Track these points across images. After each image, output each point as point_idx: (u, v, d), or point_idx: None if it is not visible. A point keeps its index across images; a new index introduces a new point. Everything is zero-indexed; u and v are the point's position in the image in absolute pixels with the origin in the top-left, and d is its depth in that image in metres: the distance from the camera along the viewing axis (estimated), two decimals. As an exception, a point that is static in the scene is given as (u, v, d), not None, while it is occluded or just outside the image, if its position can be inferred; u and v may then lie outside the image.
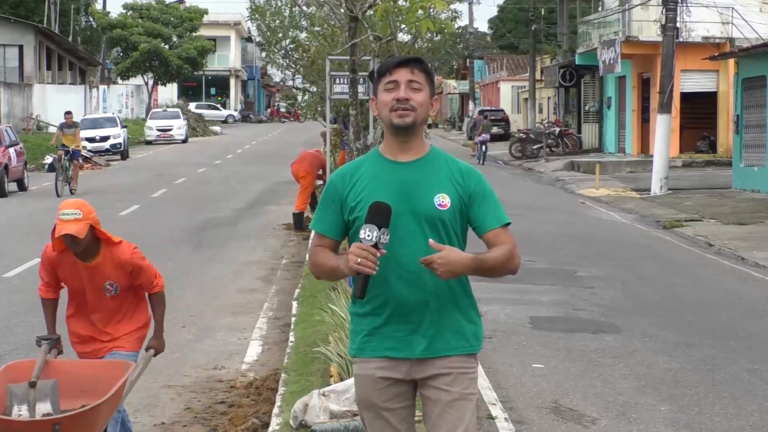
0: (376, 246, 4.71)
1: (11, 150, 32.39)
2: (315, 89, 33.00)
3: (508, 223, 4.97)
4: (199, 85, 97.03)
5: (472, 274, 4.88)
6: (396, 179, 4.90)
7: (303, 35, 33.41)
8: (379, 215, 4.73)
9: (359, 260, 4.69)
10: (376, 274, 4.74)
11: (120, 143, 49.18)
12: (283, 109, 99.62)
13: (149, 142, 61.33)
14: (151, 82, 79.05)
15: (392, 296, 4.88)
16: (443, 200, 4.89)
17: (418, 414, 5.16)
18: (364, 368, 5.01)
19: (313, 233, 5.12)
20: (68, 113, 33.53)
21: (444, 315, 4.92)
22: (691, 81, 41.64)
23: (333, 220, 4.98)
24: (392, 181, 4.90)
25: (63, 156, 31.24)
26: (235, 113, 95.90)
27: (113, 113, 56.69)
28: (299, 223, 22.28)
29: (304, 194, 22.37)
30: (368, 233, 4.72)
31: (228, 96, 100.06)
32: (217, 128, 76.13)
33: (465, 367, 4.98)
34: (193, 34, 78.71)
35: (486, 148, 47.41)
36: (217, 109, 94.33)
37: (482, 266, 4.83)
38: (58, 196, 29.05)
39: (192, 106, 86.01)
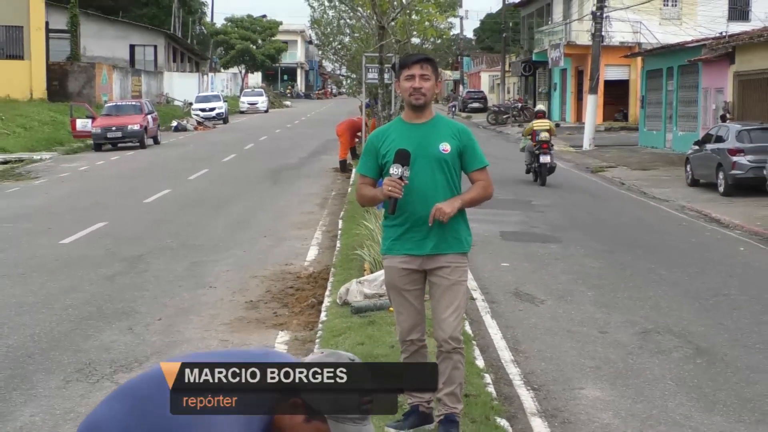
0: (401, 178, 4.77)
1: (149, 116, 32.44)
2: (355, 76, 32.74)
3: (487, 165, 5.02)
4: (275, 74, 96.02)
5: (463, 208, 4.92)
6: (414, 135, 4.94)
7: (347, 39, 33.09)
8: (402, 157, 4.80)
9: (390, 188, 4.75)
10: (401, 197, 4.80)
11: (222, 112, 49.10)
12: (334, 90, 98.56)
13: (242, 112, 60.88)
14: (243, 71, 78.68)
15: (412, 212, 4.90)
16: (445, 147, 4.92)
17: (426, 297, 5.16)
18: (391, 262, 5.04)
19: (355, 175, 5.15)
20: None
21: (446, 226, 4.92)
22: (611, 72, 41.25)
23: (372, 165, 5.01)
24: (411, 136, 4.93)
25: None
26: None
27: (218, 92, 56.62)
28: (343, 167, 22.24)
29: (342, 147, 22.57)
30: (395, 170, 4.78)
31: (296, 81, 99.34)
32: (288, 102, 75.61)
33: (459, 261, 4.99)
34: (272, 38, 78.20)
35: (455, 109, 54.22)
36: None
37: (466, 202, 4.90)
38: None
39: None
